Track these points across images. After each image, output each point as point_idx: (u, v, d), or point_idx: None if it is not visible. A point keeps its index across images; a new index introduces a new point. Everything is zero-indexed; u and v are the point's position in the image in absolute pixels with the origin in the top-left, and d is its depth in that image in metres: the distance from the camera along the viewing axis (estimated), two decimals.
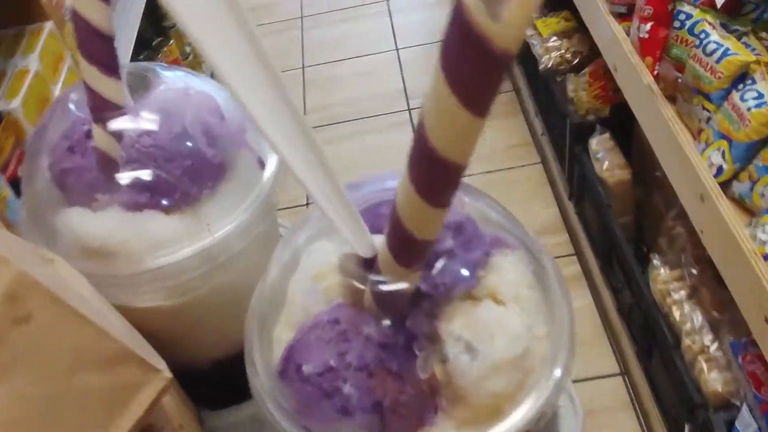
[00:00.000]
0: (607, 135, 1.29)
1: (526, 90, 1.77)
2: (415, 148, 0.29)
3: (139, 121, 0.51)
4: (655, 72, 0.92)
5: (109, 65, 0.49)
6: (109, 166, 0.52)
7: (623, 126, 1.26)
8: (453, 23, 0.23)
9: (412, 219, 0.33)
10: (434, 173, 0.29)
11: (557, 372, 0.41)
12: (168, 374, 0.34)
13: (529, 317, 0.42)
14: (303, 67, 2.18)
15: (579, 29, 1.40)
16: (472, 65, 0.24)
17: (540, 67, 1.43)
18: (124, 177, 0.52)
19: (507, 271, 0.43)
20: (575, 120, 1.35)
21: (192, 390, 0.58)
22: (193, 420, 0.49)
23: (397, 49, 2.20)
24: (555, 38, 1.45)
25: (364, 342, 0.40)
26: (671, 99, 0.90)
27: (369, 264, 0.40)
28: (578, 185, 1.41)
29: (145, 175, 0.51)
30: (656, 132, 0.94)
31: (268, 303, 0.46)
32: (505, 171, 1.67)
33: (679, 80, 0.86)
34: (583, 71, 1.37)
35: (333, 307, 0.42)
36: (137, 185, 0.51)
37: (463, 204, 0.45)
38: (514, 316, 0.42)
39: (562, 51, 1.43)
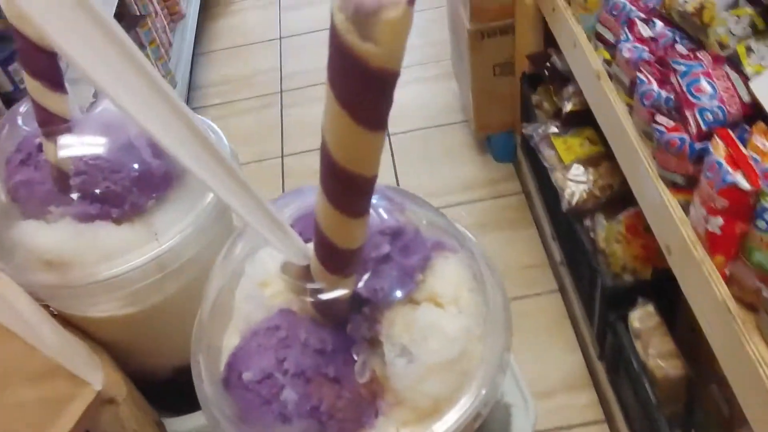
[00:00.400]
0: (651, 309, 0.97)
1: (538, 198, 1.44)
2: (322, 162, 0.29)
3: (85, 134, 0.51)
4: (726, 272, 0.67)
5: (53, 80, 0.49)
6: (60, 178, 0.53)
7: (668, 291, 0.91)
8: (331, 44, 0.24)
9: (330, 229, 0.33)
10: (341, 185, 0.30)
11: (492, 370, 0.42)
12: (97, 387, 0.34)
13: (468, 319, 0.43)
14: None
15: (608, 156, 1.07)
16: (354, 84, 0.24)
17: (562, 206, 1.13)
18: (75, 189, 0.52)
19: (447, 274, 0.44)
20: (608, 281, 1.02)
21: (153, 396, 0.58)
22: (148, 425, 0.50)
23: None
24: (579, 167, 1.14)
25: (302, 348, 0.40)
26: (746, 305, 0.64)
27: (307, 271, 0.40)
28: (612, 355, 1.08)
29: (95, 186, 0.51)
30: (729, 355, 0.67)
31: (215, 311, 0.47)
32: (517, 300, 1.33)
33: (764, 294, 0.61)
34: (618, 218, 1.06)
35: (275, 313, 0.42)
36: (88, 197, 0.52)
37: (402, 210, 0.46)
38: (452, 318, 0.42)
39: (589, 185, 1.12)
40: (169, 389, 0.62)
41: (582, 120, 1.14)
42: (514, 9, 1.33)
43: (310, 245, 0.39)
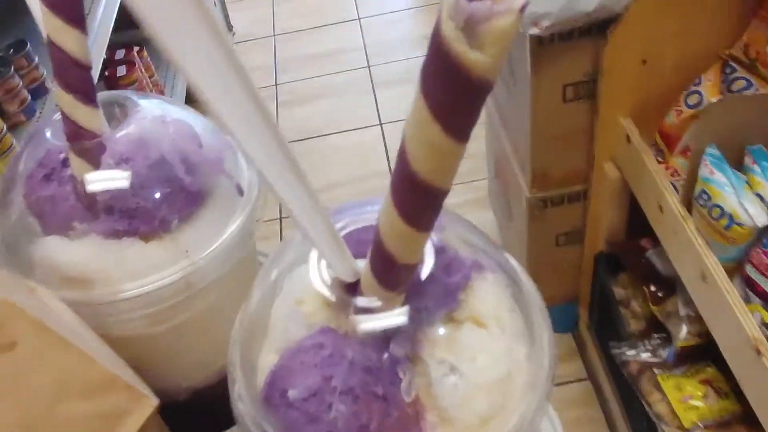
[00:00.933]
0: None
1: (618, 410, 1.14)
2: (397, 172, 0.29)
3: (116, 150, 0.51)
4: None
5: (87, 94, 0.49)
6: (87, 194, 0.52)
7: None
8: (432, 51, 0.24)
9: (394, 242, 0.33)
10: (416, 197, 0.30)
11: (537, 394, 0.41)
12: (155, 400, 0.33)
13: (510, 340, 0.43)
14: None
15: (744, 416, 0.76)
16: (452, 93, 0.24)
17: None
18: (102, 205, 0.51)
19: (487, 294, 0.44)
20: None
21: (169, 419, 0.57)
22: None
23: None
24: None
25: (349, 366, 0.40)
26: None
27: (352, 288, 0.40)
28: None
29: (124, 203, 0.51)
30: None
31: (251, 329, 0.46)
32: None
33: None
34: None
35: (317, 331, 0.42)
36: (115, 213, 0.51)
37: (443, 228, 0.46)
38: (495, 338, 0.42)
39: None
40: (183, 412, 0.61)
41: (699, 354, 0.88)
42: (589, 176, 1.10)
43: (360, 261, 0.39)
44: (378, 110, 2.21)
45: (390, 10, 2.72)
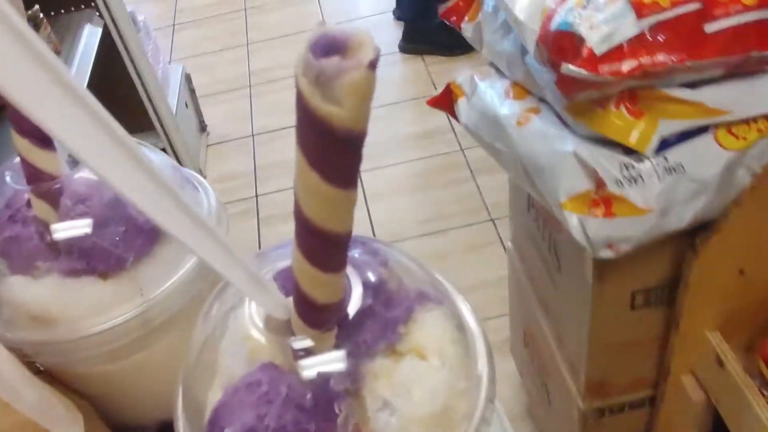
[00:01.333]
0: None
1: None
2: (296, 219, 0.30)
3: (73, 190, 0.52)
4: None
5: (42, 138, 0.50)
6: (47, 233, 0.53)
7: None
8: (298, 107, 0.24)
9: (307, 284, 0.34)
10: (317, 242, 0.30)
11: (475, 423, 0.41)
12: None
13: (452, 372, 0.43)
14: None
15: None
16: (321, 145, 0.25)
17: None
18: (62, 244, 0.52)
19: (431, 326, 0.44)
20: None
21: None
22: None
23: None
24: None
25: (283, 403, 0.40)
26: None
27: (288, 324, 0.40)
28: None
29: (82, 242, 0.52)
30: None
31: (198, 365, 0.46)
32: None
33: None
34: None
35: (257, 368, 0.42)
36: (74, 252, 0.52)
37: (387, 262, 0.46)
38: (436, 371, 0.42)
39: None
40: None
41: None
42: (659, 384, 0.92)
43: (291, 299, 0.39)
44: (372, 225, 1.97)
45: (379, 104, 2.35)
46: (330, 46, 0.23)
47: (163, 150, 1.81)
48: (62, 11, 1.73)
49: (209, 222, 0.31)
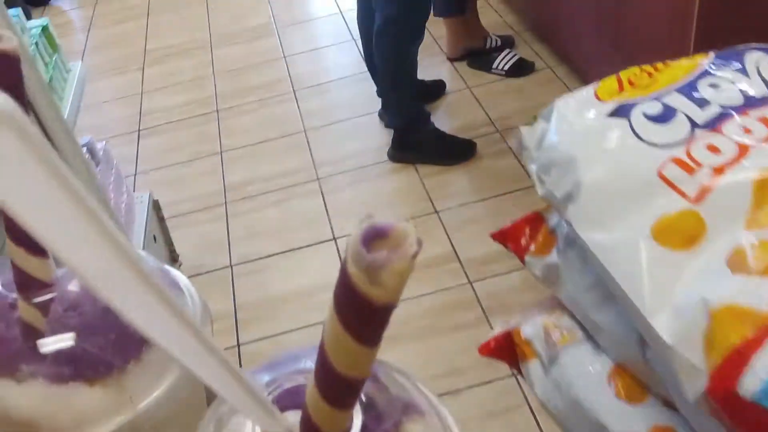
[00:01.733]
0: None
1: None
2: (321, 368, 0.32)
3: (64, 297, 0.53)
4: None
5: (36, 247, 0.51)
6: (33, 337, 0.54)
7: None
8: (341, 282, 0.27)
9: (321, 420, 0.36)
10: (338, 386, 0.33)
11: None
12: None
13: None
14: None
15: None
16: (358, 315, 0.28)
17: None
18: (49, 349, 0.53)
19: None
20: None
21: None
22: None
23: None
24: None
25: None
26: None
27: None
28: None
29: (69, 347, 0.53)
30: None
31: None
32: None
33: None
34: None
35: None
36: (61, 357, 0.53)
37: (377, 376, 0.48)
38: None
39: None
40: None
41: None
42: None
43: (287, 414, 0.41)
44: None
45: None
46: (375, 235, 0.26)
47: None
48: None
49: (214, 345, 0.33)
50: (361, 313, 0.28)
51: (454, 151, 2.42)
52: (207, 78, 3.14)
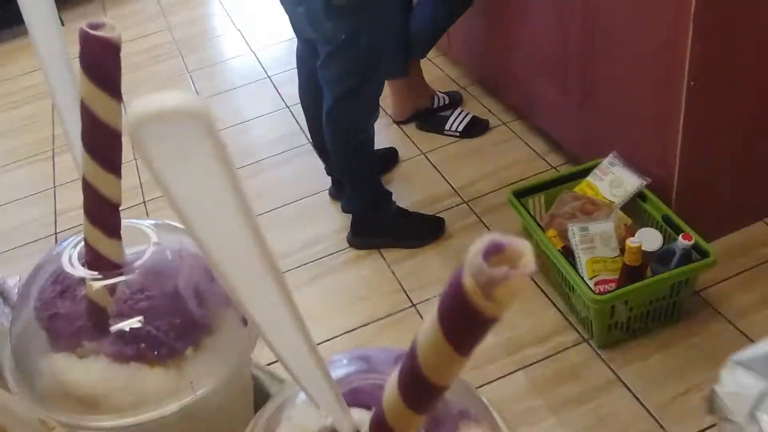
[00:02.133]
0: None
1: None
2: (408, 371, 0.33)
3: (133, 279, 0.54)
4: None
5: (112, 230, 0.53)
6: (98, 316, 0.55)
7: None
8: (452, 293, 0.28)
9: (397, 422, 0.37)
10: (422, 391, 0.34)
11: None
12: None
13: None
14: None
15: None
16: (465, 326, 0.29)
17: None
18: (113, 328, 0.54)
19: None
20: None
21: None
22: None
23: None
24: None
25: None
26: None
27: None
28: None
29: (134, 328, 0.54)
30: None
31: None
32: None
33: None
34: None
35: None
36: (125, 337, 0.54)
37: None
38: None
39: None
40: None
41: None
42: None
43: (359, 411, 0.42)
44: None
45: (353, 326, 1.88)
46: (494, 250, 0.27)
47: None
48: None
49: (305, 325, 0.34)
50: (468, 324, 0.28)
51: (422, 231, 2.08)
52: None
